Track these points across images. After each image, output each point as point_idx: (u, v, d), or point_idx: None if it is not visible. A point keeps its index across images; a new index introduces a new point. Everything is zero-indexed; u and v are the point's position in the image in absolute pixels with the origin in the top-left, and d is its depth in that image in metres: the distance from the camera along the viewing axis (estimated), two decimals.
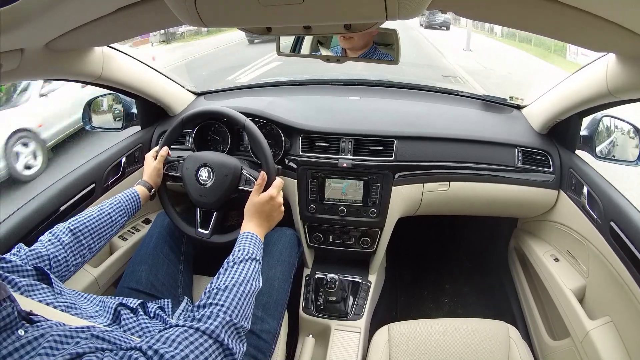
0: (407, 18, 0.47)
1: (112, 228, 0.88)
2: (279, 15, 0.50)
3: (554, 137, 1.23)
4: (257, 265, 0.78)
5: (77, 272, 0.81)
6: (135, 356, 0.52)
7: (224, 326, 0.62)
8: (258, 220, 0.90)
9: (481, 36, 14.01)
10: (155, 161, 1.04)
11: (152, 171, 1.03)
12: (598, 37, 0.59)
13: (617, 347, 0.89)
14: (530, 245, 1.31)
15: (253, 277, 0.74)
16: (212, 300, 0.65)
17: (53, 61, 0.81)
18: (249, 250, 0.79)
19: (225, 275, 0.72)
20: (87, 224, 0.82)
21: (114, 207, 0.90)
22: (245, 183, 1.01)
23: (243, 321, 0.66)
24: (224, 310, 0.64)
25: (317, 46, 1.03)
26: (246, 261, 0.76)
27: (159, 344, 0.55)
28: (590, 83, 0.89)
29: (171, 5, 0.49)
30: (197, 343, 0.57)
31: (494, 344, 0.95)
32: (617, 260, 0.89)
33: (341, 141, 1.21)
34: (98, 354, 0.49)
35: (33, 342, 0.46)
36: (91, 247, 0.82)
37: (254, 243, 0.82)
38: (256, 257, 0.79)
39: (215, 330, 0.60)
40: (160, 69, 1.32)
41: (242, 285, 0.70)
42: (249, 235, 0.84)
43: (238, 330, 0.64)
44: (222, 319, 0.62)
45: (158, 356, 0.52)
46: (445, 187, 1.21)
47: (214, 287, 0.68)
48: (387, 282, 1.56)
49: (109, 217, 0.87)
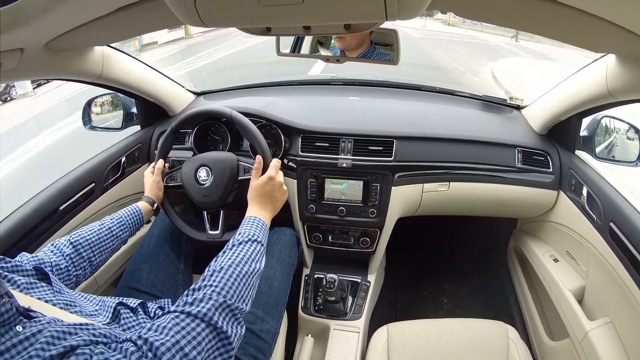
0: (407, 18, 0.47)
1: (113, 242, 0.88)
2: (278, 15, 0.50)
3: (554, 138, 1.23)
4: (258, 247, 0.76)
5: (79, 284, 0.81)
6: (127, 347, 0.51)
7: (217, 308, 0.59)
8: (261, 203, 0.90)
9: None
10: (153, 175, 1.05)
11: (153, 185, 1.04)
12: (598, 37, 0.59)
13: (616, 347, 0.89)
14: (529, 246, 1.31)
15: (252, 258, 0.72)
16: (206, 282, 0.63)
17: (53, 61, 0.81)
18: (250, 232, 0.78)
19: (223, 257, 0.70)
20: (87, 237, 0.83)
21: (115, 221, 0.90)
22: (244, 172, 1.01)
23: (239, 302, 0.63)
24: (217, 291, 0.61)
25: (317, 46, 1.03)
26: (246, 243, 0.75)
27: (150, 332, 0.54)
28: (590, 84, 0.89)
29: (171, 5, 0.49)
30: (188, 328, 0.55)
31: (493, 344, 0.95)
32: (616, 261, 0.89)
33: (341, 141, 1.21)
34: (91, 347, 0.49)
35: (31, 338, 0.46)
36: (91, 260, 0.82)
37: (255, 225, 0.81)
38: (257, 239, 0.77)
39: (207, 313, 0.58)
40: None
41: (238, 266, 0.68)
42: (252, 218, 0.83)
43: (234, 312, 0.62)
44: (214, 300, 0.60)
45: (148, 345, 0.51)
46: (444, 187, 1.21)
47: (210, 269, 0.67)
48: (386, 282, 1.56)
49: (109, 231, 0.87)
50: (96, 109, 1.30)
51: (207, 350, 0.57)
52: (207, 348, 0.57)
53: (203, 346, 0.56)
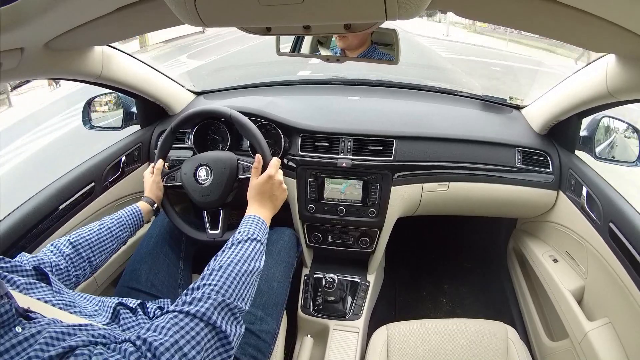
0: (407, 18, 0.47)
1: (113, 242, 0.88)
2: (278, 15, 0.50)
3: (554, 138, 1.23)
4: (258, 245, 0.76)
5: (78, 285, 0.81)
6: (125, 347, 0.51)
7: (216, 307, 0.59)
8: (260, 201, 0.90)
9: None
10: (153, 176, 1.05)
11: (152, 185, 1.04)
12: (598, 37, 0.59)
13: (616, 348, 0.89)
14: (529, 246, 1.31)
15: (251, 257, 0.72)
16: (205, 281, 0.63)
17: (53, 60, 0.81)
18: (250, 230, 0.78)
19: (222, 255, 0.70)
20: (87, 237, 0.83)
21: (115, 222, 0.90)
22: (244, 171, 1.01)
23: (238, 301, 0.63)
24: (216, 290, 0.61)
25: (316, 46, 1.03)
26: (245, 241, 0.75)
27: (149, 332, 0.54)
28: (590, 84, 0.89)
29: (171, 4, 0.49)
30: (187, 328, 0.55)
31: (492, 344, 0.95)
32: (616, 262, 0.89)
33: (340, 141, 1.21)
34: (90, 347, 0.49)
35: (30, 339, 0.46)
36: (91, 260, 0.82)
37: (255, 224, 0.81)
38: (257, 238, 0.77)
39: (206, 313, 0.58)
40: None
41: (237, 264, 0.68)
42: (251, 217, 0.83)
43: (233, 311, 0.62)
44: (213, 299, 0.60)
45: (147, 345, 0.51)
46: (444, 187, 1.21)
47: (209, 268, 0.67)
48: (385, 282, 1.56)
49: (109, 231, 0.87)
50: (96, 109, 1.30)
51: (206, 350, 0.57)
52: (206, 348, 0.57)
53: (202, 346, 0.56)
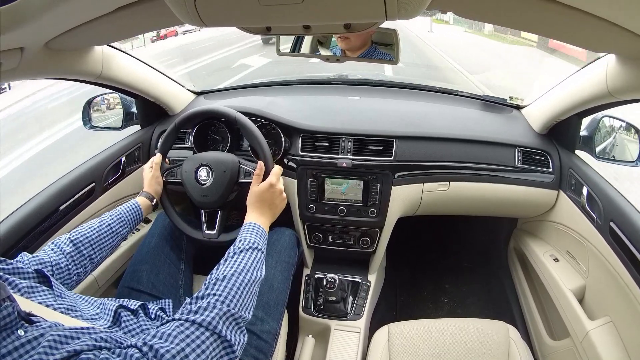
0: (407, 18, 0.47)
1: (113, 239, 0.88)
2: (278, 14, 0.50)
3: (554, 138, 1.23)
4: (259, 255, 0.76)
5: (79, 283, 0.81)
6: (131, 353, 0.51)
7: (222, 317, 0.60)
8: (260, 209, 0.90)
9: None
10: (152, 170, 1.04)
11: (151, 180, 1.03)
12: (598, 37, 0.59)
13: (617, 347, 0.89)
14: (530, 246, 1.31)
15: (254, 267, 0.72)
16: (210, 291, 0.64)
17: (53, 60, 0.81)
18: (250, 239, 0.78)
19: (225, 265, 0.71)
20: (87, 235, 0.83)
21: (115, 218, 0.90)
22: (245, 176, 1.01)
23: (242, 311, 0.64)
24: (222, 300, 0.62)
25: (317, 46, 1.03)
26: (247, 250, 0.75)
27: (155, 339, 0.54)
28: (590, 83, 0.89)
29: (171, 4, 0.49)
30: (193, 336, 0.56)
31: (493, 344, 0.95)
32: (616, 261, 0.89)
33: (341, 141, 1.21)
34: (95, 352, 0.49)
35: (33, 342, 0.46)
36: (92, 257, 0.82)
37: (255, 232, 0.81)
38: (258, 247, 0.78)
39: (212, 322, 0.59)
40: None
41: (241, 275, 0.68)
42: (251, 225, 0.83)
43: (237, 321, 0.63)
44: (219, 309, 0.61)
45: (153, 352, 0.52)
46: (445, 187, 1.21)
47: (212, 277, 0.67)
48: (386, 282, 1.56)
49: (109, 227, 0.87)
50: (93, 109, 1.30)
51: (210, 359, 0.57)
52: (211, 357, 0.58)
53: (207, 354, 0.56)
